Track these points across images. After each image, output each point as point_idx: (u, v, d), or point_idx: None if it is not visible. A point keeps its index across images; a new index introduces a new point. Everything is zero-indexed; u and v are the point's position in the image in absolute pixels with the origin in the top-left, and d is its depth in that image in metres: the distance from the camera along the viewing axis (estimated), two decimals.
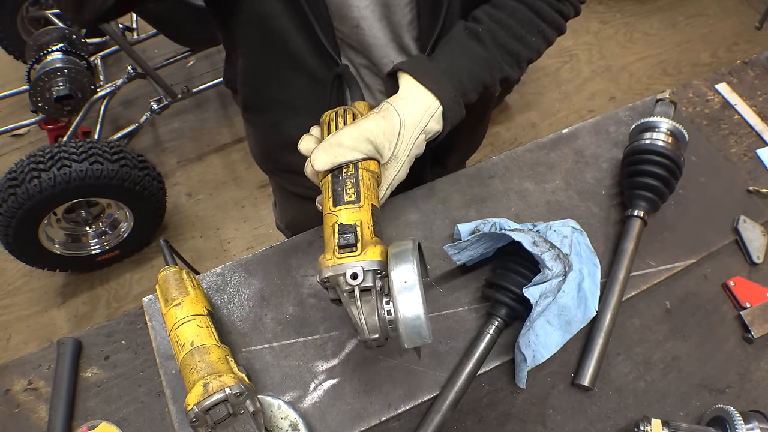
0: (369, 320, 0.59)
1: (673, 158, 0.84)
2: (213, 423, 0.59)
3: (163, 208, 2.03)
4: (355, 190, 0.64)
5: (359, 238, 0.61)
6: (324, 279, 0.61)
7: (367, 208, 0.64)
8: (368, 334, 0.59)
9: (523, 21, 0.75)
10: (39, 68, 1.98)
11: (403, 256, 0.58)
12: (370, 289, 0.59)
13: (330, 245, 0.62)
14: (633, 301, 0.84)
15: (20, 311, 2.06)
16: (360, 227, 0.62)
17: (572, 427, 0.75)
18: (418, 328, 0.56)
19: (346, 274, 0.59)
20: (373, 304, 0.59)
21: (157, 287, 0.75)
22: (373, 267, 0.59)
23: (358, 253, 0.60)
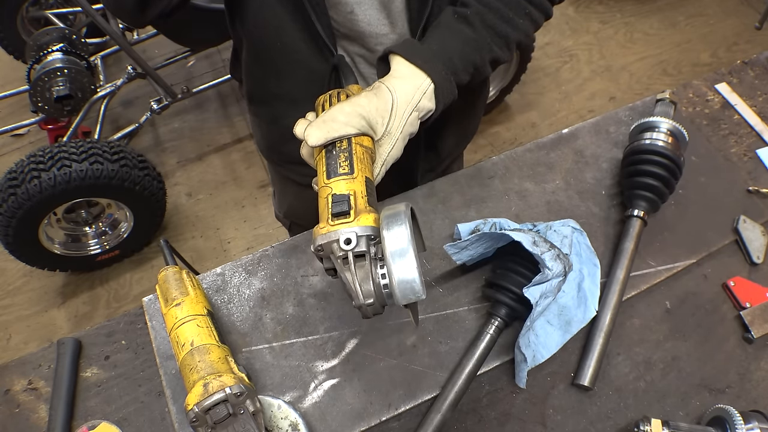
0: (363, 285, 0.59)
1: (673, 158, 0.84)
2: (213, 423, 0.59)
3: (163, 208, 2.03)
4: (349, 162, 0.64)
5: (353, 206, 0.61)
6: (318, 247, 0.61)
7: (361, 179, 0.64)
8: (363, 299, 0.59)
9: (511, 4, 0.76)
10: (39, 68, 1.98)
11: (396, 218, 0.58)
12: (364, 254, 0.59)
13: (324, 215, 0.62)
14: (633, 301, 0.84)
15: (20, 311, 2.06)
16: (353, 196, 0.62)
17: (572, 427, 0.75)
18: (411, 283, 0.56)
19: (340, 240, 0.59)
20: (367, 269, 0.59)
21: (157, 287, 0.75)
22: (367, 233, 0.59)
23: (352, 220, 0.60)
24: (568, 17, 2.98)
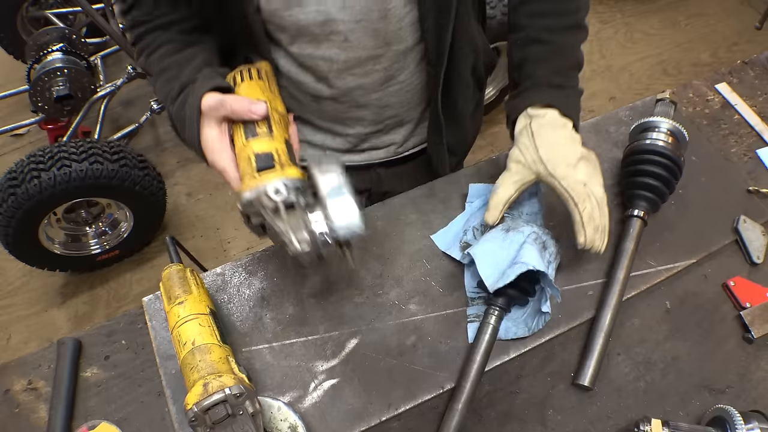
0: (297, 233, 0.58)
1: (674, 158, 0.84)
2: (212, 423, 0.59)
3: (163, 208, 2.03)
4: (267, 126, 0.64)
5: (276, 161, 0.60)
6: (245, 203, 0.60)
7: (281, 139, 0.63)
8: (299, 246, 0.58)
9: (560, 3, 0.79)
10: (39, 68, 1.98)
11: (326, 160, 0.59)
12: (293, 204, 0.59)
13: (247, 173, 0.61)
14: (633, 301, 0.84)
15: (20, 311, 2.06)
16: (276, 153, 0.61)
17: (572, 427, 0.75)
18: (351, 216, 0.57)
19: (268, 191, 0.58)
20: (299, 217, 0.59)
21: (161, 284, 0.75)
22: (296, 184, 0.59)
23: (278, 171, 0.59)
24: None
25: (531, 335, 0.79)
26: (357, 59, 0.79)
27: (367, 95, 0.85)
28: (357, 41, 0.76)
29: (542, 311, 0.76)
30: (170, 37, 0.77)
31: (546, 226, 0.89)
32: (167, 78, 0.74)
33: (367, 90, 0.85)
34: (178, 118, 0.71)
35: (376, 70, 0.82)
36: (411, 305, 0.82)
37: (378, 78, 0.83)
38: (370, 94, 0.85)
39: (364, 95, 0.85)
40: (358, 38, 0.76)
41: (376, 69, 0.81)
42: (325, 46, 0.77)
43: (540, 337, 0.80)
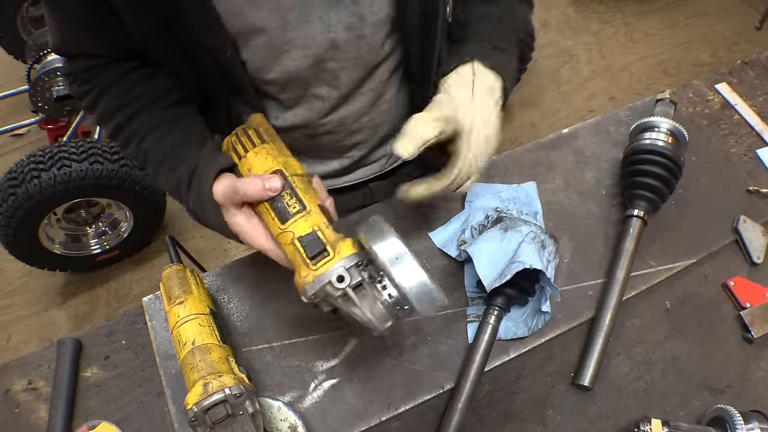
0: (376, 312, 0.57)
1: (673, 158, 0.84)
2: (212, 423, 0.59)
3: (163, 208, 2.03)
4: (296, 199, 0.61)
5: (325, 241, 0.58)
6: (311, 297, 0.58)
7: (316, 210, 0.61)
8: (382, 326, 0.57)
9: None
10: (39, 68, 1.98)
11: (379, 232, 0.57)
12: (361, 283, 0.57)
13: (299, 261, 0.59)
14: (633, 301, 0.84)
15: (20, 311, 2.06)
16: (319, 230, 0.59)
17: (572, 427, 0.75)
18: (429, 293, 0.55)
19: (332, 281, 0.56)
20: (370, 295, 0.57)
21: (161, 284, 0.75)
22: (354, 261, 0.57)
23: (333, 255, 0.58)
24: (568, 17, 2.97)
25: (531, 335, 0.79)
26: (346, 95, 0.78)
27: (359, 119, 0.85)
28: (348, 78, 0.75)
29: (542, 311, 0.76)
30: (157, 116, 0.71)
31: (545, 225, 0.90)
32: (171, 167, 0.69)
33: (358, 115, 0.84)
34: (198, 209, 0.66)
35: (362, 94, 0.81)
36: None
37: (366, 101, 0.82)
38: (361, 118, 0.85)
39: (356, 120, 0.84)
40: (349, 75, 0.75)
41: (362, 93, 0.81)
42: (316, 86, 0.75)
43: (540, 337, 0.80)
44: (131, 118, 0.70)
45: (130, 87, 0.71)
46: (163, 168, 0.70)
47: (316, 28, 0.67)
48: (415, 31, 0.72)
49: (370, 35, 0.70)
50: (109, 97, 0.71)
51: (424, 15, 0.69)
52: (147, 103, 0.71)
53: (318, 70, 0.73)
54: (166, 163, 0.69)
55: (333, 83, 0.76)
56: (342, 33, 0.69)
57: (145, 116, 0.70)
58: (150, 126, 0.70)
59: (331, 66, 0.73)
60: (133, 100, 0.70)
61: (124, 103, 0.70)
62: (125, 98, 0.70)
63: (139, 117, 0.70)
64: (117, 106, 0.71)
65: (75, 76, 0.72)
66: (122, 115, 0.70)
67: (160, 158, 0.70)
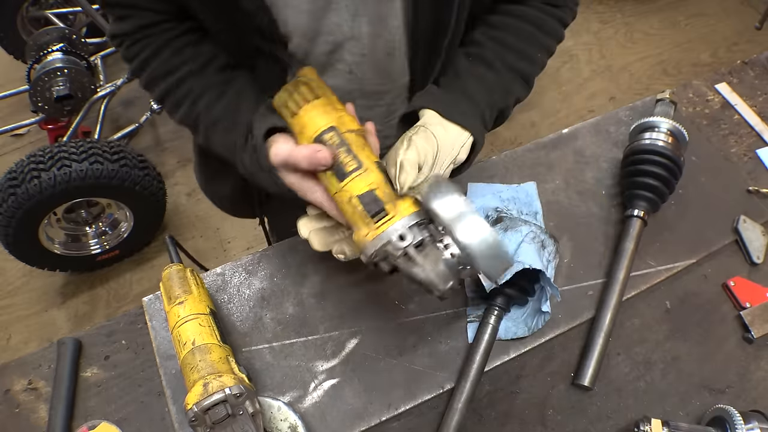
0: (438, 272, 0.55)
1: (673, 158, 0.84)
2: (212, 423, 0.59)
3: (163, 208, 2.03)
4: (352, 156, 0.59)
5: (384, 199, 0.57)
6: (371, 255, 0.56)
7: (373, 167, 0.59)
8: (443, 286, 0.55)
9: (527, 38, 0.73)
10: (39, 68, 1.98)
11: (439, 189, 0.54)
12: (422, 242, 0.56)
13: (358, 219, 0.58)
14: (633, 301, 0.84)
15: (20, 311, 2.06)
16: (378, 189, 0.58)
17: (572, 427, 0.75)
18: (496, 250, 0.53)
19: (393, 240, 0.55)
20: (432, 254, 0.55)
21: (161, 284, 0.75)
22: (415, 220, 0.56)
23: (393, 214, 0.56)
24: None
25: (531, 335, 0.79)
26: (361, 91, 0.78)
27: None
28: (362, 74, 0.75)
29: (542, 311, 0.76)
30: (208, 80, 0.71)
31: (545, 225, 0.90)
32: (225, 128, 0.69)
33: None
34: (255, 170, 0.66)
35: (379, 105, 0.81)
36: (411, 305, 0.82)
37: (380, 113, 0.82)
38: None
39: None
40: (363, 71, 0.74)
41: (379, 104, 0.81)
42: (330, 74, 0.75)
43: (540, 337, 0.80)
44: (183, 80, 0.70)
45: (179, 50, 0.71)
46: (217, 130, 0.70)
47: (343, 15, 0.67)
48: (425, 43, 0.71)
49: (387, 37, 0.70)
50: (159, 60, 0.71)
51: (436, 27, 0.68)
52: (198, 67, 0.71)
53: (334, 60, 0.73)
54: (218, 125, 0.69)
55: (348, 77, 0.75)
56: (365, 26, 0.68)
57: (196, 79, 0.70)
58: (201, 89, 0.70)
59: (348, 57, 0.72)
60: (182, 63, 0.70)
61: (175, 66, 0.70)
62: (175, 61, 0.70)
63: (190, 80, 0.70)
64: (167, 69, 0.70)
65: (123, 37, 0.71)
66: (172, 78, 0.70)
67: (212, 120, 0.70)
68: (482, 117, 0.71)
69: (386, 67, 0.74)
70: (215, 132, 0.70)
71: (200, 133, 0.72)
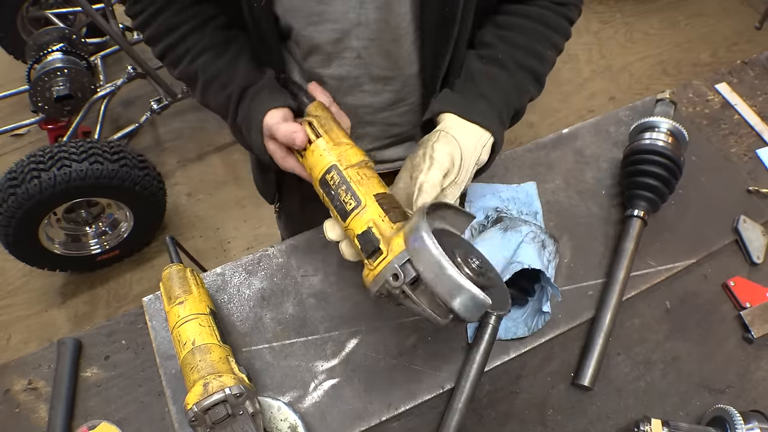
0: (435, 308, 0.56)
1: (673, 158, 0.84)
2: (212, 423, 0.59)
3: (163, 208, 2.03)
4: (350, 194, 0.62)
5: (379, 238, 0.59)
6: (376, 294, 0.59)
7: (371, 202, 0.61)
8: (443, 321, 0.56)
9: (536, 37, 0.74)
10: (39, 68, 1.98)
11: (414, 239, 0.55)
12: (417, 279, 0.56)
13: (362, 258, 0.61)
14: (633, 301, 0.84)
15: (20, 311, 2.06)
16: (374, 226, 0.60)
17: (572, 427, 0.75)
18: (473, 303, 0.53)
19: (388, 281, 0.57)
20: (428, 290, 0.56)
21: (161, 284, 0.75)
22: (407, 257, 0.56)
23: (386, 254, 0.58)
24: None
25: (531, 335, 0.79)
26: (369, 76, 0.78)
27: (375, 114, 0.85)
28: (370, 59, 0.75)
29: (542, 311, 0.76)
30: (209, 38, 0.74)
31: (545, 225, 0.90)
32: (221, 85, 0.74)
33: (375, 109, 0.84)
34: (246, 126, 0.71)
35: (386, 91, 0.81)
36: None
37: (387, 99, 0.82)
38: (378, 114, 0.85)
39: (372, 114, 0.84)
40: (371, 56, 0.75)
41: (386, 90, 0.81)
42: (336, 64, 0.76)
43: (540, 337, 0.80)
44: (183, 38, 0.74)
45: (185, 7, 0.74)
46: (213, 86, 0.75)
47: (350, 3, 0.68)
48: (432, 32, 0.71)
49: (394, 23, 0.71)
50: (162, 18, 0.74)
51: (443, 17, 0.69)
52: (198, 25, 0.74)
53: (341, 48, 0.73)
54: (215, 82, 0.74)
55: (355, 62, 0.76)
56: (372, 12, 0.69)
57: (196, 38, 0.74)
58: (201, 47, 0.74)
59: (355, 44, 0.73)
60: (187, 19, 0.74)
61: (176, 24, 0.74)
62: (177, 19, 0.74)
63: (190, 38, 0.74)
64: (169, 26, 0.74)
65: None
66: (173, 35, 0.74)
67: (209, 77, 0.74)
68: (499, 116, 0.71)
69: (394, 52, 0.75)
70: (211, 87, 0.75)
71: (197, 89, 0.77)
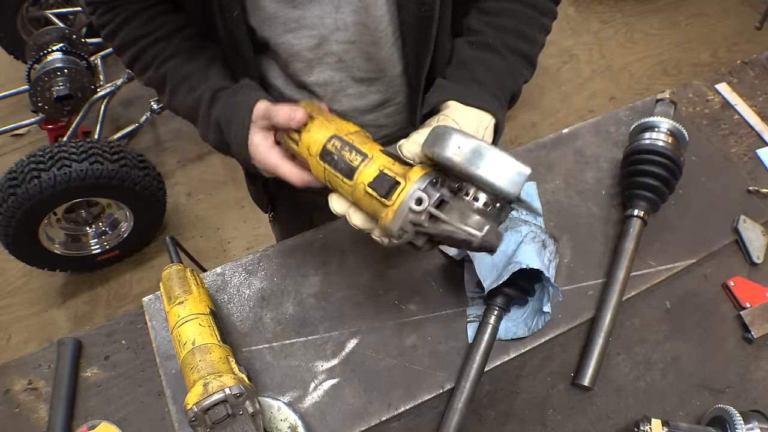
0: (470, 221, 0.52)
1: (673, 158, 0.84)
2: (212, 423, 0.59)
3: (163, 208, 2.03)
4: (355, 151, 0.59)
5: (394, 175, 0.56)
6: (399, 230, 0.55)
7: (378, 154, 0.58)
8: (481, 234, 0.52)
9: (524, 20, 0.74)
10: (39, 68, 1.98)
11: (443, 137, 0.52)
12: (443, 199, 0.54)
13: (377, 206, 0.56)
14: (633, 301, 0.84)
15: (20, 311, 2.06)
16: (385, 168, 0.57)
17: (572, 427, 0.75)
18: (519, 175, 0.50)
19: (412, 207, 0.53)
20: (456, 207, 0.53)
21: (161, 284, 0.75)
22: (428, 179, 0.54)
23: (404, 183, 0.54)
24: (568, 17, 2.97)
25: (531, 335, 0.79)
26: (352, 78, 0.78)
27: (362, 117, 0.84)
28: (351, 62, 0.75)
29: (542, 311, 0.76)
30: (178, 45, 0.74)
31: (545, 225, 0.90)
32: (191, 86, 0.72)
33: (362, 112, 0.84)
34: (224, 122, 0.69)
35: (371, 93, 0.81)
36: (411, 305, 0.82)
37: (373, 100, 0.82)
38: (365, 116, 0.84)
39: (359, 116, 0.84)
40: (353, 59, 0.74)
41: (371, 91, 0.81)
42: (318, 71, 0.75)
43: (540, 337, 0.80)
44: (153, 44, 0.73)
45: (153, 17, 0.73)
46: (183, 87, 0.73)
47: (326, 8, 0.68)
48: (412, 32, 0.71)
49: (372, 26, 0.70)
50: (132, 26, 0.73)
51: (421, 17, 0.68)
52: (169, 33, 0.74)
53: (322, 54, 0.73)
54: (185, 83, 0.73)
55: (337, 66, 0.75)
56: (349, 16, 0.69)
57: (166, 43, 0.73)
58: (171, 52, 0.73)
59: (335, 48, 0.73)
60: (155, 29, 0.73)
61: (147, 32, 0.73)
62: (148, 27, 0.73)
63: (160, 43, 0.73)
64: (139, 34, 0.73)
65: (97, 5, 0.74)
66: (144, 42, 0.73)
67: (180, 79, 0.73)
68: (498, 99, 0.70)
69: (375, 54, 0.75)
70: (181, 88, 0.73)
71: (166, 93, 0.75)
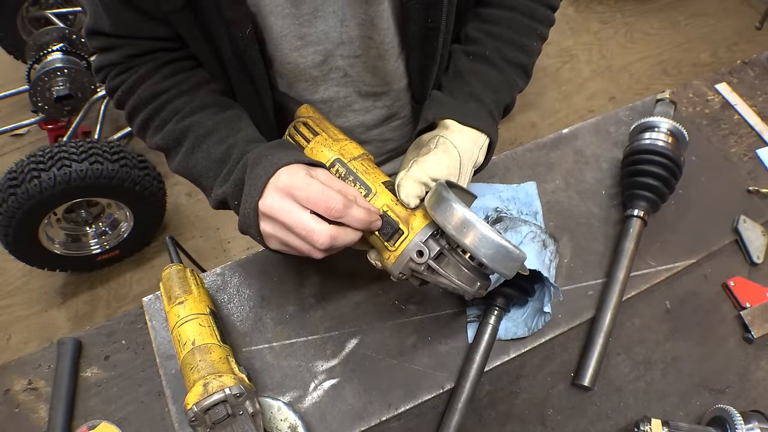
0: (462, 278, 0.58)
1: (673, 158, 0.84)
2: (212, 423, 0.59)
3: (163, 208, 2.03)
4: (359, 183, 0.62)
5: (397, 219, 0.60)
6: (399, 275, 0.60)
7: (382, 189, 0.62)
8: (472, 291, 0.58)
9: (522, 29, 0.73)
10: (39, 68, 1.98)
11: (440, 201, 0.56)
12: (441, 252, 0.58)
13: (380, 245, 0.61)
14: (633, 301, 0.84)
15: (20, 311, 2.06)
16: (389, 210, 0.60)
17: (572, 427, 0.75)
18: (504, 252, 0.54)
19: (413, 258, 0.58)
20: (453, 262, 0.58)
21: (161, 284, 0.75)
22: (429, 233, 0.58)
23: (407, 233, 0.59)
24: (568, 17, 2.97)
25: (531, 335, 0.79)
26: (358, 93, 0.77)
27: (368, 132, 0.84)
28: (357, 76, 0.74)
29: (543, 311, 0.76)
30: (204, 99, 0.68)
31: (545, 225, 0.90)
32: (220, 138, 0.64)
33: (368, 127, 0.83)
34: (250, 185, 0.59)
35: (377, 107, 0.81)
36: (411, 305, 0.82)
37: (379, 115, 0.82)
38: (371, 131, 0.84)
39: (365, 132, 0.84)
40: (358, 73, 0.74)
41: (377, 106, 0.80)
42: (324, 88, 0.75)
43: (540, 337, 0.80)
44: (176, 97, 0.67)
45: (170, 74, 0.68)
46: (210, 139, 0.65)
47: (331, 22, 0.67)
48: (417, 45, 0.70)
49: (378, 39, 0.69)
50: (152, 81, 0.67)
51: (427, 29, 0.68)
52: (193, 86, 0.68)
53: (327, 70, 0.72)
54: (214, 135, 0.65)
55: (342, 81, 0.75)
56: (354, 30, 0.68)
57: (186, 99, 0.67)
58: (195, 106, 0.66)
59: (340, 63, 0.72)
60: (173, 85, 0.67)
61: (164, 89, 0.67)
62: (165, 84, 0.67)
63: (179, 99, 0.67)
64: (160, 89, 0.67)
65: (110, 68, 0.69)
66: (165, 96, 0.67)
67: (205, 132, 0.65)
68: (492, 116, 0.71)
69: (381, 68, 0.74)
70: (206, 141, 0.65)
71: (182, 149, 0.67)
